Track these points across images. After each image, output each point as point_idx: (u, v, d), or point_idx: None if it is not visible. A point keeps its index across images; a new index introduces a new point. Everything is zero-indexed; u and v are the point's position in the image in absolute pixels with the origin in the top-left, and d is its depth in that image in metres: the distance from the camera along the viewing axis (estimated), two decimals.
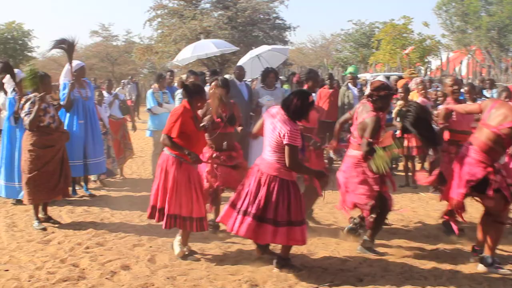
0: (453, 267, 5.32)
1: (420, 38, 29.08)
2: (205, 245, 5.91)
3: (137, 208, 7.55)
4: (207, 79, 9.23)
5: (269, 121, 5.00)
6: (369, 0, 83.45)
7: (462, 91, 7.10)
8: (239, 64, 11.64)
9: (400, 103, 8.88)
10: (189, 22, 28.40)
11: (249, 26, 29.37)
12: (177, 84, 9.22)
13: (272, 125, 4.93)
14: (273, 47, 15.01)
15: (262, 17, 30.70)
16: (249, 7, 29.03)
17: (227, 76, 9.58)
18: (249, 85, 9.98)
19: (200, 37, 23.53)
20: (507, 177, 5.14)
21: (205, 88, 7.07)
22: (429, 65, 26.73)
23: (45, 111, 6.62)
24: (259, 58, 12.83)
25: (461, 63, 26.07)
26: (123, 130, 10.10)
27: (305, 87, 6.72)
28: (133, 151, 10.44)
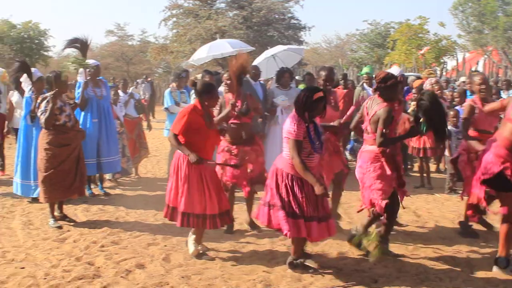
0: (468, 268, 5.26)
1: (436, 38, 28.81)
2: (220, 245, 5.91)
3: (151, 207, 7.58)
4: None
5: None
6: (384, 0, 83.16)
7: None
8: (254, 64, 11.62)
9: (414, 104, 8.80)
10: (204, 21, 28.52)
11: (264, 26, 29.43)
12: (188, 83, 9.22)
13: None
14: (288, 47, 14.94)
15: (277, 17, 30.76)
16: (264, 7, 29.07)
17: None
18: (264, 85, 9.96)
19: (215, 37, 23.54)
20: None
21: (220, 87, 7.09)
22: (445, 66, 26.51)
23: (61, 109, 6.66)
24: (274, 58, 12.79)
25: (478, 64, 25.79)
26: (139, 129, 10.16)
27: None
28: (148, 150, 10.49)
